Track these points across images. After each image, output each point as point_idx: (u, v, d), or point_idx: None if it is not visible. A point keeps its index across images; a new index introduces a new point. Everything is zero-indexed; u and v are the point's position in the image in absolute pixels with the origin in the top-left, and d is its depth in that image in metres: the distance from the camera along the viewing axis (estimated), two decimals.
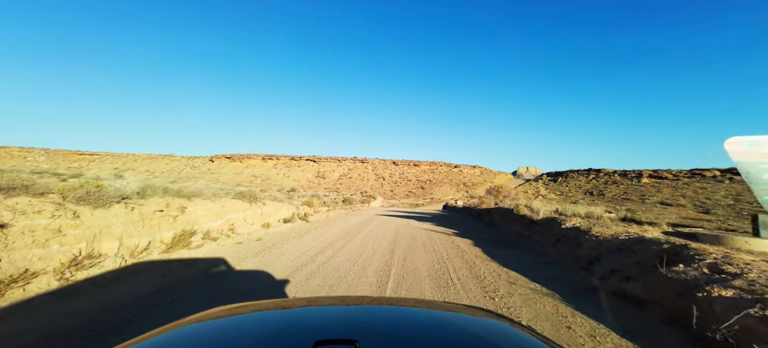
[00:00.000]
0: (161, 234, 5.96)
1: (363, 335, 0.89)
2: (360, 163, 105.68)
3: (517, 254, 6.88)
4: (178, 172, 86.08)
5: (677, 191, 55.09)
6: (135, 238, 5.31)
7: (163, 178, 34.51)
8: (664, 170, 63.79)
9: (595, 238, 5.33)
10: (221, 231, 8.15)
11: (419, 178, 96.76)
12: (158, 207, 6.31)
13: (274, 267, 5.42)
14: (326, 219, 14.44)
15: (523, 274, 5.26)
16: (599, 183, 72.24)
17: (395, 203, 57.23)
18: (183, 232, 6.50)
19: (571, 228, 6.49)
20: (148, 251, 5.38)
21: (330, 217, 15.24)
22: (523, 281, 4.90)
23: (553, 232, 7.18)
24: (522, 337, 1.04)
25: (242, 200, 10.37)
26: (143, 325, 3.10)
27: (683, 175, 58.58)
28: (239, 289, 4.34)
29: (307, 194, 31.35)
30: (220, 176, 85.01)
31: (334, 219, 14.60)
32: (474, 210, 19.24)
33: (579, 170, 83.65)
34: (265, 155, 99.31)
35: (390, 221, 14.49)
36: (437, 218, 16.99)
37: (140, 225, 5.49)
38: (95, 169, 79.95)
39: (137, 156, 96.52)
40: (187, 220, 7.07)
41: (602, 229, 5.34)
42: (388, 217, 16.73)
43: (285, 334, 1.01)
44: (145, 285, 4.30)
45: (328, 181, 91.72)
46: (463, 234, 10.37)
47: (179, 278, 4.66)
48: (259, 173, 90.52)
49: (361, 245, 7.91)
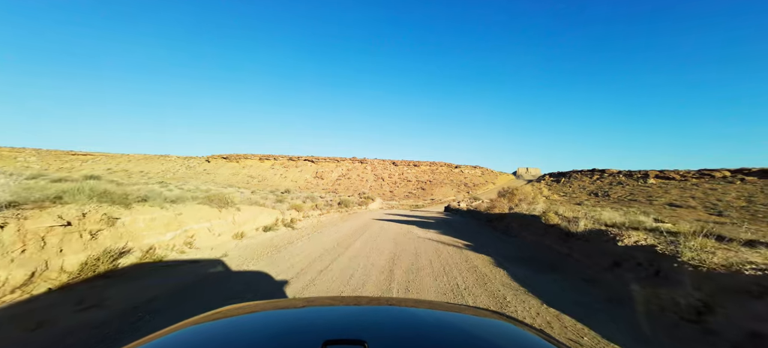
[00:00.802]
0: (62, 259, 4.20)
1: (372, 336, 0.90)
2: (359, 163, 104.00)
3: (560, 283, 5.11)
4: (173, 172, 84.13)
5: (686, 192, 53.43)
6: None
7: (141, 177, 31.47)
8: (671, 170, 62.17)
9: (692, 267, 3.58)
10: (172, 246, 6.38)
11: (419, 179, 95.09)
12: (65, 219, 4.55)
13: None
14: (316, 225, 12.68)
15: (592, 326, 3.53)
16: (603, 183, 70.53)
17: (394, 204, 55.52)
18: (104, 253, 4.75)
19: (634, 247, 4.75)
20: (24, 288, 3.62)
21: (321, 223, 13.49)
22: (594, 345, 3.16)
23: (602, 250, 5.43)
24: (534, 340, 1.02)
25: (210, 206, 8.60)
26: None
27: (691, 176, 56.96)
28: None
29: (302, 195, 29.60)
30: (215, 177, 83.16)
31: (325, 225, 12.84)
32: (482, 214, 17.50)
33: (582, 170, 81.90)
34: (262, 155, 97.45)
35: (388, 228, 12.74)
36: (441, 224, 15.24)
37: (14, 250, 3.72)
38: (87, 170, 78.03)
39: (132, 156, 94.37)
40: (118, 234, 5.32)
41: (705, 255, 3.59)
42: (386, 223, 14.99)
43: (294, 333, 1.00)
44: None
45: (326, 182, 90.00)
46: (478, 247, 8.61)
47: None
48: (255, 174, 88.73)
49: (351, 263, 6.17)
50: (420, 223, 15.53)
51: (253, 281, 4.95)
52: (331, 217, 16.17)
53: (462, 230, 13.16)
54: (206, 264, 5.91)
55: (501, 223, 12.60)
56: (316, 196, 27.75)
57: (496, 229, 13.09)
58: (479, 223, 16.33)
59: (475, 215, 18.74)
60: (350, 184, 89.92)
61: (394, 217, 19.12)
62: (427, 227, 13.69)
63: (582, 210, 8.97)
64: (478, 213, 18.53)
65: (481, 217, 16.97)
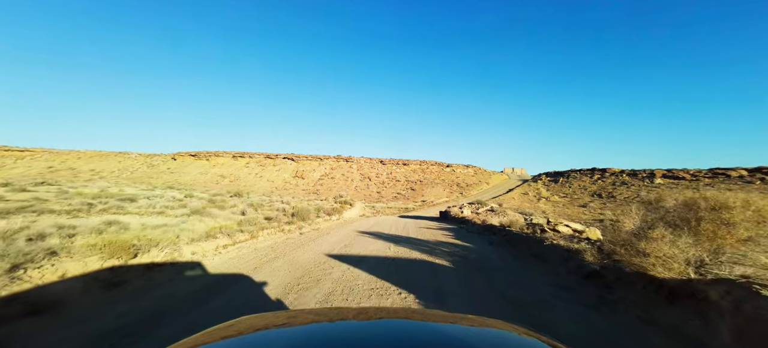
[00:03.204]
0: None
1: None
2: (344, 161, 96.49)
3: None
4: (131, 171, 74.22)
5: (700, 194, 49.12)
6: None
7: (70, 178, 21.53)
8: (679, 170, 57.93)
9: None
10: None
11: (409, 179, 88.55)
12: None
13: None
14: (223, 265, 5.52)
15: None
16: (606, 183, 65.86)
17: (381, 207, 48.50)
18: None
19: None
20: None
21: (214, 265, 6.34)
22: None
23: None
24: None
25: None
26: None
27: (703, 176, 52.69)
28: None
29: (264, 200, 22.23)
30: (180, 176, 73.80)
31: (246, 261, 5.70)
32: (531, 238, 9.26)
33: (581, 170, 77.28)
34: (236, 153, 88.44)
35: (354, 287, 5.73)
36: (452, 252, 8.44)
37: None
38: (21, 169, 66.96)
39: (83, 153, 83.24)
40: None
41: None
42: (348, 264, 7.95)
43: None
44: None
45: (307, 182, 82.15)
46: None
47: None
48: (227, 173, 79.82)
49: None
50: (416, 245, 8.65)
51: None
52: (262, 245, 9.00)
53: (507, 276, 6.16)
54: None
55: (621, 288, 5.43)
56: (267, 201, 20.48)
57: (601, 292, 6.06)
58: (531, 258, 8.74)
59: (512, 241, 9.95)
60: (334, 184, 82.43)
61: (375, 232, 12.14)
62: (430, 259, 6.71)
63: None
64: (514, 234, 10.94)
65: (530, 245, 8.57)
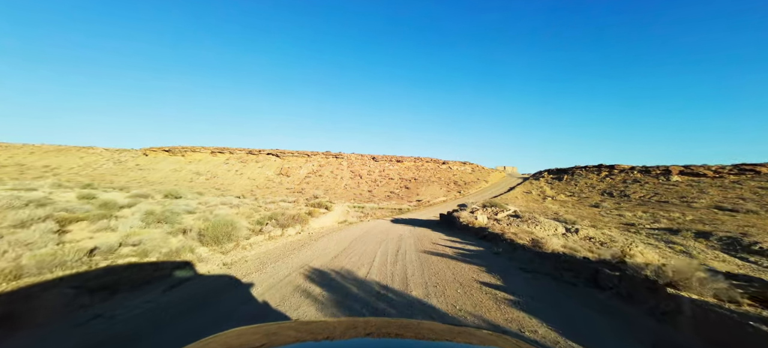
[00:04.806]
0: None
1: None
2: (333, 158, 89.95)
3: None
4: (93, 168, 66.34)
5: (729, 192, 44.13)
6: None
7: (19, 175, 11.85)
8: (699, 166, 53.30)
9: None
10: None
11: (402, 176, 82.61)
12: None
13: None
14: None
15: None
16: (615, 181, 60.94)
17: (372, 208, 42.35)
18: None
19: None
20: None
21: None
22: None
23: None
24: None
25: None
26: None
27: (727, 172, 48.09)
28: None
29: (200, 206, 16.07)
30: (149, 174, 66.24)
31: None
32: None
33: (587, 166, 72.41)
34: (215, 148, 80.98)
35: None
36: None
37: None
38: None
39: (38, 147, 74.58)
40: None
41: None
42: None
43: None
44: None
45: (292, 180, 75.52)
46: None
47: None
48: (204, 169, 72.52)
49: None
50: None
51: None
52: None
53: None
54: None
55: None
56: (214, 203, 14.23)
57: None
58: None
59: (627, 298, 5.38)
60: (322, 182, 75.99)
61: (330, 284, 6.13)
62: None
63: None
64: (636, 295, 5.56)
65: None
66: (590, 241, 12.82)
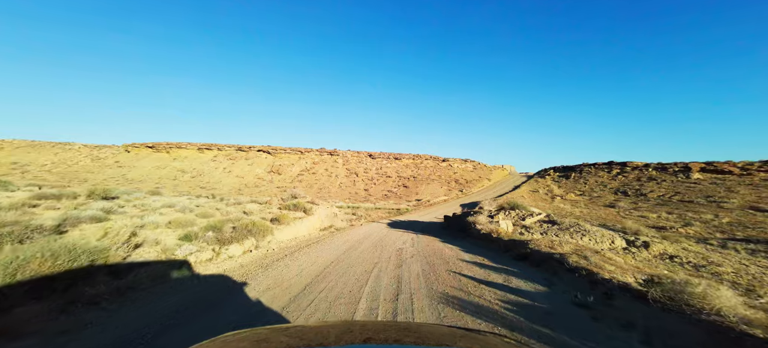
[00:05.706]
0: None
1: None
2: (328, 155, 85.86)
3: None
4: (68, 165, 61.71)
5: (763, 191, 40.94)
6: None
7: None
8: (722, 162, 49.62)
9: None
10: None
11: (401, 174, 78.69)
12: None
13: None
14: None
15: None
16: (628, 179, 57.12)
17: (368, 209, 38.42)
18: None
19: None
20: None
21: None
22: None
23: None
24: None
25: None
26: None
27: (756, 169, 44.47)
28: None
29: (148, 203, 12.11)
30: (129, 172, 61.74)
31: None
32: None
33: (596, 164, 68.65)
34: (202, 145, 76.49)
35: None
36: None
37: None
38: None
39: (8, 142, 69.59)
40: None
41: None
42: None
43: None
44: None
45: (284, 178, 71.37)
46: None
47: None
48: (189, 167, 68.13)
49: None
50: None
51: None
52: None
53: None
54: None
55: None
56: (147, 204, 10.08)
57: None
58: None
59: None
60: (315, 180, 71.96)
61: None
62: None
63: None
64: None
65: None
66: (675, 262, 8.87)
